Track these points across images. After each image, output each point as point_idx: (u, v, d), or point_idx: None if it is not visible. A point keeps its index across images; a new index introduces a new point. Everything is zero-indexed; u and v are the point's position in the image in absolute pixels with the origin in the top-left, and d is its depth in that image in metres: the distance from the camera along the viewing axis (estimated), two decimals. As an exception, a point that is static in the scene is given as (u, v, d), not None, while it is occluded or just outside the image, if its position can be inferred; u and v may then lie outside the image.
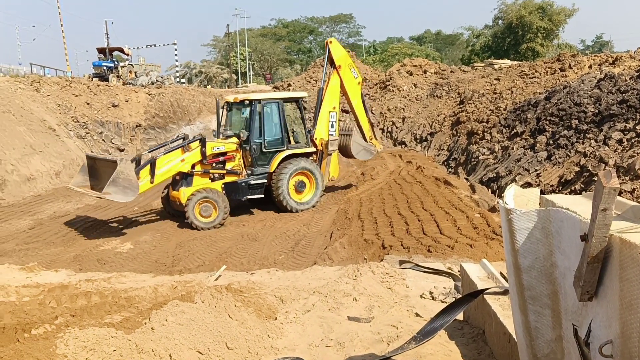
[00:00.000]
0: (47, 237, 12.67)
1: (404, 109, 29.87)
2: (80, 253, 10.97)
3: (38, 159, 21.50)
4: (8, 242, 12.27)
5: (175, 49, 58.79)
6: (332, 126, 15.68)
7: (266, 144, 14.14)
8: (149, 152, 13.70)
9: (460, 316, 5.10)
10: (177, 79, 51.24)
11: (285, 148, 14.33)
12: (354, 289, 6.60)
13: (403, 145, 27.45)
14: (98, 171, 12.93)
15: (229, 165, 13.84)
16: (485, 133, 20.81)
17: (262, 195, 14.14)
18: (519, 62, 32.94)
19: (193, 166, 13.41)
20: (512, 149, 17.36)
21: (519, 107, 20.25)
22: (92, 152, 26.34)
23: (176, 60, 59.62)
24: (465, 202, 12.40)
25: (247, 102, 14.11)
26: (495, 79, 26.76)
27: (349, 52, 39.62)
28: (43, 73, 40.73)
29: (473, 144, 20.82)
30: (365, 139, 16.56)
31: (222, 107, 15.00)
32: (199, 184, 13.38)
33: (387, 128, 29.44)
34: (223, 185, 13.67)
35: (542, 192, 10.58)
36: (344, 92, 16.03)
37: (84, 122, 28.26)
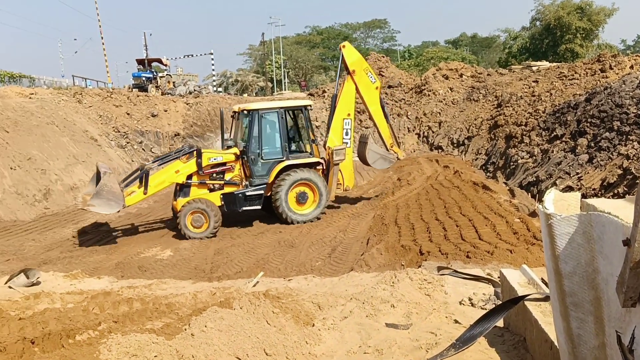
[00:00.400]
0: (90, 244, 13.00)
1: (440, 113, 29.61)
2: (122, 260, 11.21)
3: (81, 169, 22.09)
4: (53, 250, 12.63)
5: (212, 59, 59.54)
6: (346, 134, 15.19)
7: (264, 155, 13.93)
8: (153, 162, 14.20)
9: (500, 323, 5.03)
10: (214, 88, 51.95)
11: (284, 158, 13.90)
12: (392, 295, 6.56)
13: (440, 150, 27.21)
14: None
15: (228, 176, 13.84)
16: (524, 136, 20.46)
17: (259, 207, 13.92)
18: (558, 64, 32.29)
19: (190, 177, 13.52)
20: (552, 152, 17.02)
21: (558, 110, 19.85)
22: (132, 160, 26.93)
23: (213, 70, 60.45)
24: (504, 207, 12.21)
25: (245, 112, 14.07)
26: (534, 81, 26.29)
27: (383, 57, 39.61)
28: (85, 85, 41.89)
29: (511, 148, 20.49)
30: (386, 147, 16.06)
31: (232, 117, 15.17)
32: (196, 194, 13.51)
33: (423, 133, 29.23)
34: (221, 196, 13.69)
35: (584, 196, 10.28)
36: (360, 98, 15.54)
37: (125, 132, 28.92)
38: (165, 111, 32.25)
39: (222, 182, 13.76)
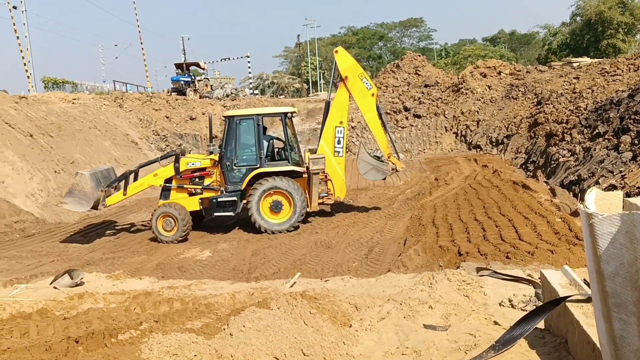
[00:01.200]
0: (132, 246, 13.28)
1: (478, 111, 29.22)
2: (163, 261, 11.42)
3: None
4: (96, 251, 12.95)
5: (248, 62, 60.17)
6: (338, 142, 14.57)
7: (238, 161, 13.80)
8: (138, 167, 14.81)
9: (541, 325, 4.93)
10: (251, 91, 52.46)
11: (258, 166, 13.65)
12: (430, 296, 6.50)
13: (478, 149, 26.86)
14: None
15: (207, 181, 14.02)
16: (565, 134, 20.03)
17: (232, 214, 13.83)
18: (600, 60, 31.51)
19: (169, 180, 13.97)
20: (594, 150, 16.61)
21: (600, 107, 19.36)
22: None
23: (249, 72, 61.08)
24: (545, 207, 11.97)
25: (224, 117, 14.09)
26: (575, 78, 25.72)
27: (419, 56, 39.28)
28: (125, 90, 42.82)
29: (552, 146, 20.08)
30: (377, 157, 15.03)
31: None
32: (175, 198, 13.95)
33: (461, 132, 28.90)
34: (200, 201, 13.90)
35: (627, 195, 10.03)
36: (357, 105, 15.01)
37: (164, 135, 29.46)
38: (203, 114, 32.72)
39: (201, 187, 14.02)
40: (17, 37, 34.30)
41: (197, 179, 14.09)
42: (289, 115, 14.35)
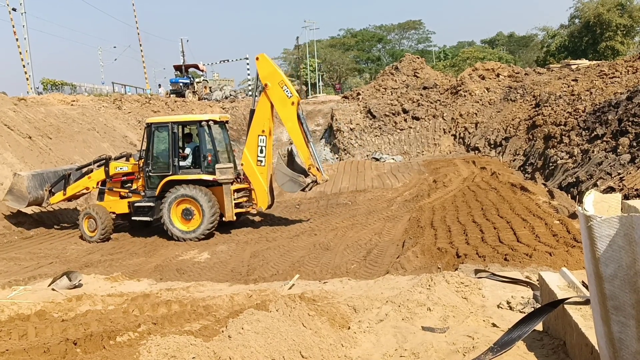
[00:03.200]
0: (130, 248, 13.28)
1: (476, 113, 29.24)
2: (161, 263, 11.41)
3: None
4: (94, 253, 12.94)
5: (247, 63, 60.04)
6: (261, 151, 14.17)
7: (151, 168, 14.03)
8: (77, 169, 15.56)
9: (539, 327, 4.94)
10: (250, 93, 52.44)
11: (170, 173, 13.78)
12: (428, 298, 6.51)
13: (476, 151, 26.87)
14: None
15: (134, 186, 14.43)
16: (563, 136, 20.05)
17: (150, 219, 14.11)
18: (598, 62, 31.56)
19: (103, 183, 14.66)
20: (593, 152, 16.63)
21: (598, 109, 19.39)
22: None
23: (248, 74, 61.00)
24: (543, 209, 11.99)
25: (145, 124, 14.30)
26: (573, 80, 25.75)
27: (418, 58, 39.32)
28: (124, 91, 42.80)
29: (550, 148, 20.10)
30: (297, 168, 14.35)
31: None
32: (108, 200, 14.59)
33: (459, 134, 28.91)
34: (128, 204, 14.35)
35: (626, 197, 10.05)
36: (277, 114, 14.36)
37: (163, 137, 29.32)
38: (202, 116, 32.68)
39: (126, 191, 14.46)
40: (17, 39, 34.32)
41: (126, 183, 14.60)
42: (208, 123, 14.00)
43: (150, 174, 14.03)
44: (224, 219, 13.79)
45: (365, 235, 12.65)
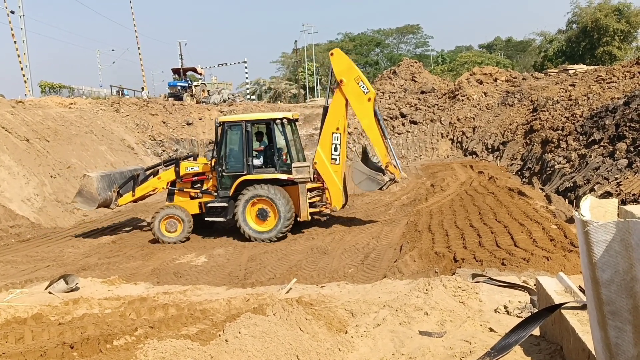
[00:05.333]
0: (127, 251, 13.26)
1: (474, 118, 29.30)
2: (158, 266, 11.40)
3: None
4: (91, 256, 12.92)
5: (246, 67, 60.27)
6: (335, 149, 13.79)
7: (226, 167, 13.82)
8: (146, 170, 15.47)
9: (536, 331, 4.94)
10: (248, 96, 52.47)
11: (244, 173, 13.54)
12: (425, 302, 6.50)
13: (474, 156, 26.90)
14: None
15: (205, 186, 14.22)
16: (560, 141, 20.09)
17: (224, 219, 13.83)
18: (595, 67, 31.64)
19: (172, 184, 14.42)
20: (590, 157, 16.66)
21: (596, 114, 19.44)
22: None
23: (246, 78, 61.19)
24: (540, 213, 12.00)
25: (217, 123, 14.05)
26: (570, 85, 25.83)
27: (415, 62, 39.36)
28: (121, 95, 42.74)
29: (548, 153, 20.13)
30: (372, 166, 14.18)
31: None
32: (178, 201, 14.28)
33: (457, 138, 28.96)
34: (199, 204, 14.11)
35: (623, 202, 10.07)
36: (353, 111, 14.05)
37: (161, 140, 29.44)
38: (200, 119, 32.73)
39: (199, 191, 14.24)
40: (15, 42, 34.34)
41: (196, 183, 14.30)
42: (282, 121, 13.97)
43: (224, 173, 13.78)
44: (298, 219, 13.60)
45: (363, 239, 12.65)
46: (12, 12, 34.67)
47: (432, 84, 34.84)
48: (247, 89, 59.82)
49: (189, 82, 42.31)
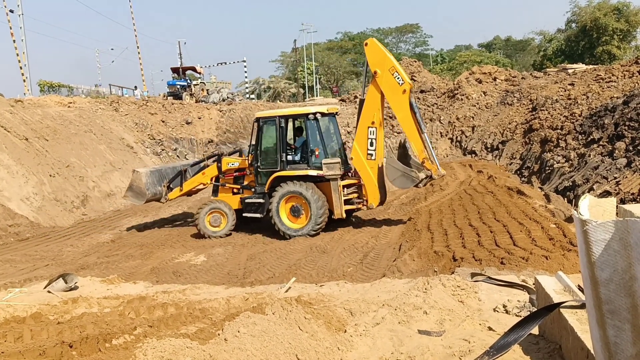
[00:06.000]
0: (126, 250, 13.25)
1: (473, 117, 29.30)
2: (157, 265, 11.39)
3: (117, 176, 22.53)
4: (90, 255, 12.91)
5: (245, 66, 60.31)
6: (371, 144, 13.29)
7: (260, 164, 13.81)
8: (191, 166, 15.58)
9: (535, 330, 4.94)
10: (247, 95, 52.47)
11: (278, 169, 13.49)
12: (424, 302, 6.51)
13: (473, 155, 26.91)
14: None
15: (246, 182, 14.29)
16: (559, 140, 20.10)
17: (260, 216, 13.77)
18: (595, 66, 31.65)
19: (217, 179, 14.60)
20: (589, 156, 16.68)
21: (595, 113, 19.45)
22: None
23: (245, 77, 61.18)
24: (540, 212, 12.00)
25: (255, 119, 14.10)
26: (570, 84, 25.83)
27: (415, 61, 39.36)
28: (121, 93, 42.71)
29: (547, 152, 20.14)
30: (412, 162, 13.41)
31: None
32: (222, 196, 14.47)
33: (456, 137, 28.95)
34: (240, 200, 14.15)
35: (622, 201, 10.10)
36: (389, 103, 13.55)
37: (160, 140, 29.41)
38: (199, 118, 32.71)
39: (239, 186, 14.31)
40: (14, 41, 34.28)
41: (238, 179, 14.43)
42: (315, 116, 13.46)
43: (259, 169, 13.81)
44: (333, 216, 13.39)
45: (362, 238, 12.65)
46: (11, 11, 34.62)
47: (431, 83, 34.85)
48: (247, 88, 59.82)
49: (188, 81, 42.26)
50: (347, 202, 13.50)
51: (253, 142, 13.98)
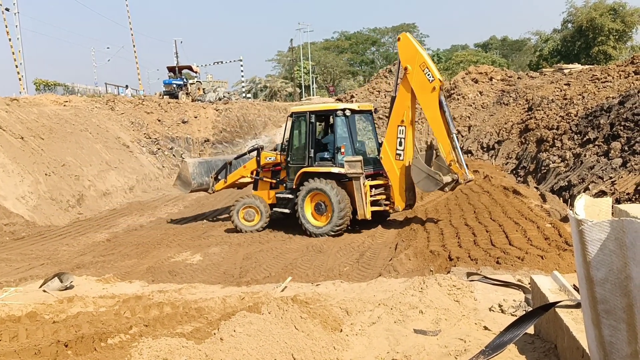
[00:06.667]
0: (122, 249, 13.21)
1: (469, 117, 29.33)
2: (153, 265, 11.37)
3: (113, 175, 22.50)
4: (86, 254, 12.88)
5: (241, 65, 60.36)
6: (400, 144, 12.69)
7: (290, 159, 13.76)
8: (235, 158, 15.64)
9: (531, 330, 4.96)
10: (243, 94, 52.41)
11: (305, 165, 13.30)
12: (420, 301, 6.52)
13: (469, 154, 26.93)
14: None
15: (281, 176, 14.23)
16: (555, 140, 20.14)
17: (288, 211, 13.66)
18: (590, 66, 31.70)
19: (257, 173, 14.47)
20: (585, 156, 16.72)
21: (590, 113, 19.49)
22: (162, 166, 27.26)
23: (242, 76, 61.13)
24: (535, 212, 12.03)
25: (289, 114, 14.07)
26: (565, 84, 25.87)
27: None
28: (117, 92, 42.61)
29: (543, 152, 20.18)
30: (442, 163, 12.58)
31: None
32: (262, 190, 14.46)
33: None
34: (275, 195, 14.14)
35: (617, 201, 10.13)
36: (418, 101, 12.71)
37: (156, 139, 29.37)
38: (196, 117, 32.67)
39: (276, 181, 14.23)
40: (9, 39, 34.16)
41: (276, 173, 14.37)
42: (344, 112, 13.08)
43: (290, 164, 13.75)
44: (357, 217, 12.93)
45: (358, 237, 12.65)
46: (7, 9, 34.48)
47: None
48: (243, 87, 59.74)
49: (185, 80, 42.22)
50: (374, 203, 13.02)
51: (287, 138, 13.88)
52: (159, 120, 31.09)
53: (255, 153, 14.66)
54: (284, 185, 14.03)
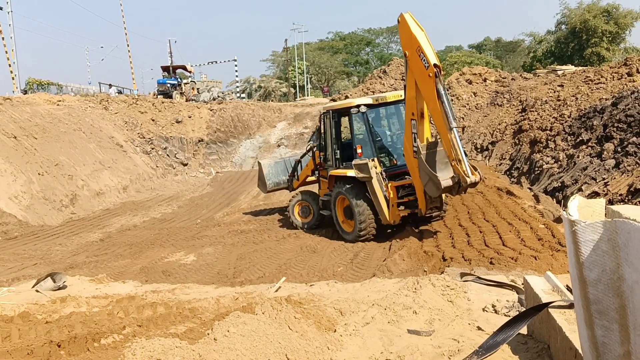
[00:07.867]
0: (115, 249, 13.18)
1: (463, 118, 29.39)
2: (147, 265, 11.34)
3: (107, 174, 22.42)
4: (79, 254, 12.83)
5: (236, 65, 60.05)
6: (415, 140, 11.00)
7: (324, 160, 13.19)
8: (302, 156, 15.13)
9: (524, 330, 4.97)
10: (238, 94, 52.32)
11: (334, 167, 12.61)
12: (414, 301, 6.53)
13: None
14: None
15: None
16: (549, 141, 20.20)
17: (327, 213, 13.15)
18: (584, 68, 31.83)
19: (317, 172, 13.96)
20: (578, 157, 16.78)
21: (584, 114, 19.57)
22: (156, 166, 27.18)
23: (236, 76, 60.93)
24: (529, 213, 12.07)
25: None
26: (559, 86, 25.96)
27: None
28: (114, 92, 42.44)
29: (536, 153, 20.24)
30: (432, 163, 10.85)
31: None
32: (324, 188, 13.69)
33: (447, 138, 29.00)
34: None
35: (610, 202, 10.19)
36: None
37: (150, 138, 29.27)
38: (190, 117, 32.60)
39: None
40: (2, 38, 34.02)
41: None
42: (358, 109, 11.71)
43: (325, 166, 13.19)
44: (383, 222, 11.76)
45: (352, 238, 12.64)
46: (0, 8, 34.36)
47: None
48: (237, 87, 59.62)
49: (179, 79, 42.14)
50: (405, 206, 11.72)
51: (322, 138, 13.25)
52: (153, 120, 31.00)
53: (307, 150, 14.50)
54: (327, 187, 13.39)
